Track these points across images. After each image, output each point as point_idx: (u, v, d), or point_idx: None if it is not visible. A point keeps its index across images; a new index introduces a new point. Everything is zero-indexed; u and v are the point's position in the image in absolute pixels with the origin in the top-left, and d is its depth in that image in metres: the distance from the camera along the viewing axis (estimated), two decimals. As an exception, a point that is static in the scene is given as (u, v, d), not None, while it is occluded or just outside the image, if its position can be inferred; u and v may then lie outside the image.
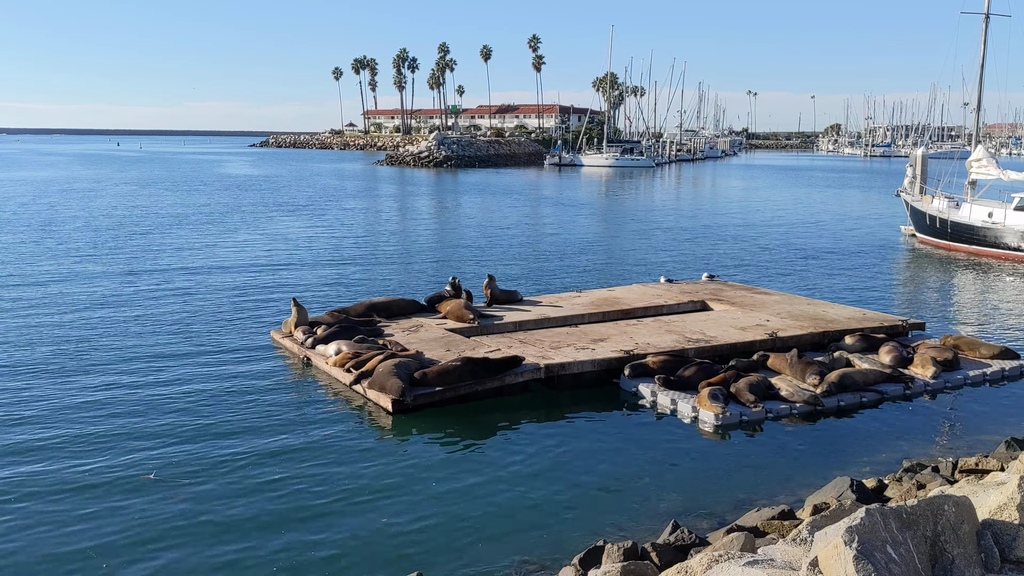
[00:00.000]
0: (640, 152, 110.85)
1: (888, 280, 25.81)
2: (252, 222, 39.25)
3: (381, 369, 12.59)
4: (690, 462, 10.66)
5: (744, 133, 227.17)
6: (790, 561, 4.98)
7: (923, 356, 14.04)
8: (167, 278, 23.60)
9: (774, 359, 13.85)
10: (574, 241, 33.70)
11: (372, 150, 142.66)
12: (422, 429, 11.69)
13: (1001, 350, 14.99)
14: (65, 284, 22.45)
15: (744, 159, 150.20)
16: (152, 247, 29.93)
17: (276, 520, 8.88)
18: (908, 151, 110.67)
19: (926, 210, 32.24)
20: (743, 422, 11.94)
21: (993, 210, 29.57)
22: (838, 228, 39.55)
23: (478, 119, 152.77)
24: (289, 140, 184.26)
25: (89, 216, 40.81)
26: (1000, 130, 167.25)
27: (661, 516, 8.89)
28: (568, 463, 10.58)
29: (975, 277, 26.01)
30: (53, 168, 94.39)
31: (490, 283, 17.81)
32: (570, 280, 23.99)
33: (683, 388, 12.83)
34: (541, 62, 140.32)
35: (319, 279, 23.98)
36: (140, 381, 13.72)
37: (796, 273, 26.15)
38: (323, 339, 14.73)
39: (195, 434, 11.36)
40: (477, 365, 12.78)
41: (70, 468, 10.17)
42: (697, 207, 52.03)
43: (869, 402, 12.93)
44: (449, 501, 9.41)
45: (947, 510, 4.74)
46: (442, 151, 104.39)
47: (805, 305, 18.21)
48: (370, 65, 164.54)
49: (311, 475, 10.04)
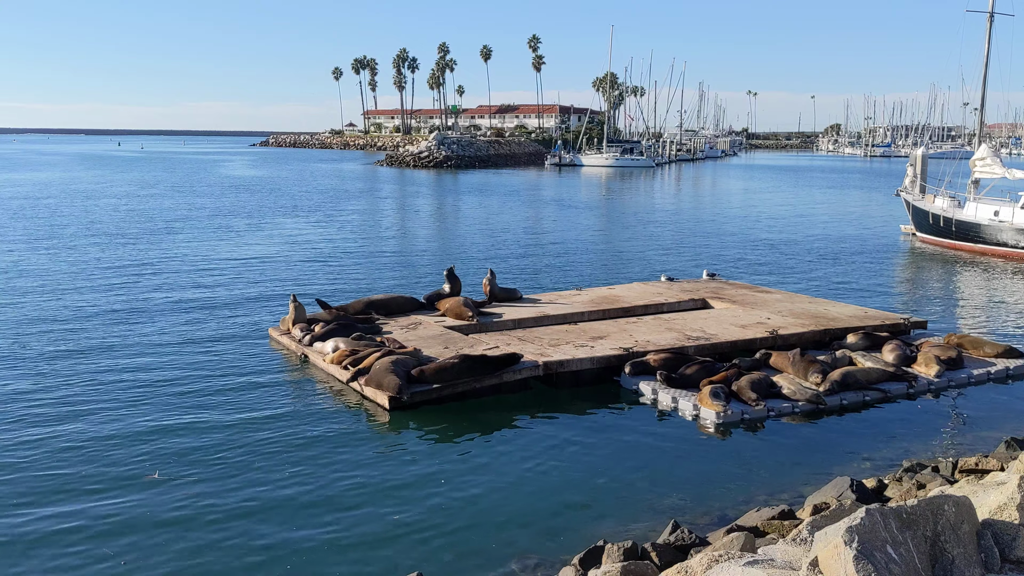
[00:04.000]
0: (640, 152, 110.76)
1: (889, 278, 25.76)
2: (252, 221, 39.21)
3: (378, 366, 12.53)
4: (691, 461, 10.60)
5: (744, 133, 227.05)
6: (790, 561, 4.96)
7: (927, 355, 13.97)
8: (167, 276, 23.56)
9: (776, 357, 13.78)
10: (574, 241, 33.65)
11: (372, 150, 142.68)
12: (419, 427, 11.63)
13: (1005, 349, 14.92)
14: (64, 283, 22.40)
15: (744, 159, 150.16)
16: (151, 246, 29.90)
17: (272, 518, 8.83)
18: (908, 151, 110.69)
19: (929, 209, 32.16)
20: (745, 420, 11.88)
21: (1000, 208, 29.51)
22: (839, 227, 39.53)
23: (478, 119, 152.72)
24: (289, 140, 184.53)
25: (90, 215, 40.80)
26: (1000, 130, 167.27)
27: (661, 516, 8.84)
28: (567, 462, 10.52)
29: (979, 276, 25.94)
30: (54, 168, 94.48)
31: (491, 279, 17.73)
32: (570, 279, 23.93)
33: (684, 386, 12.78)
34: (541, 62, 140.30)
35: (319, 277, 23.92)
36: (138, 378, 13.68)
37: (797, 272, 26.09)
38: (321, 336, 14.68)
39: (192, 431, 11.32)
40: (475, 362, 12.71)
41: (70, 468, 10.12)
42: (697, 207, 51.99)
43: (872, 401, 12.87)
44: (447, 500, 9.35)
45: (947, 510, 4.72)
46: (442, 151, 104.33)
47: (806, 303, 18.15)
48: (370, 65, 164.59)
49: (307, 473, 9.99)
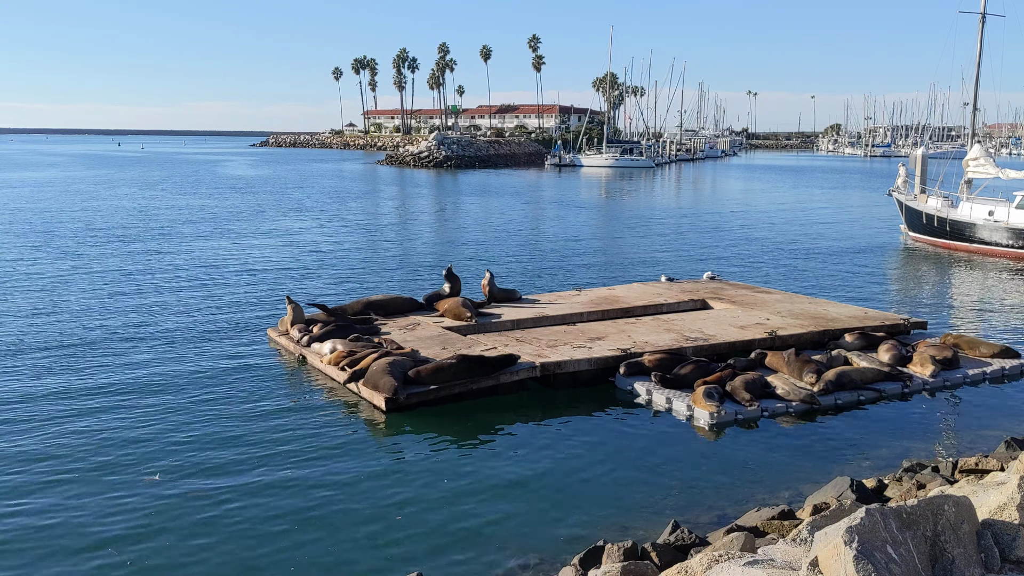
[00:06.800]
0: (640, 152, 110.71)
1: (889, 279, 25.75)
2: (252, 221, 39.18)
3: (375, 367, 12.49)
4: (688, 461, 10.57)
5: (744, 133, 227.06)
6: (790, 561, 4.95)
7: (922, 354, 13.95)
8: (165, 277, 23.53)
9: (772, 357, 13.76)
10: (574, 241, 33.63)
11: (372, 150, 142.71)
12: (416, 428, 11.60)
13: (1001, 349, 14.91)
14: (64, 283, 22.37)
15: (744, 159, 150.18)
16: (150, 247, 29.87)
17: (269, 519, 8.80)
18: (908, 151, 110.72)
19: (923, 209, 32.18)
20: (739, 420, 11.85)
21: (994, 208, 29.53)
22: (840, 228, 39.51)
23: (478, 119, 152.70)
24: (289, 140, 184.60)
25: (89, 215, 40.76)
26: (1000, 130, 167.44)
27: (661, 516, 8.82)
28: (565, 462, 10.49)
29: (975, 275, 25.93)
30: (54, 168, 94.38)
31: (490, 280, 17.70)
32: (569, 279, 23.91)
33: (679, 386, 12.74)
34: (541, 62, 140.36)
35: (318, 278, 23.89)
36: (136, 378, 13.65)
37: (798, 272, 26.07)
38: (318, 337, 14.65)
39: (189, 432, 11.28)
40: (472, 363, 12.68)
41: (69, 468, 10.09)
42: (697, 207, 51.97)
43: (867, 400, 12.84)
44: (445, 500, 9.32)
45: (947, 510, 4.70)
46: (442, 151, 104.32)
47: (806, 304, 18.12)
48: (370, 65, 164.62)
49: (303, 474, 9.96)
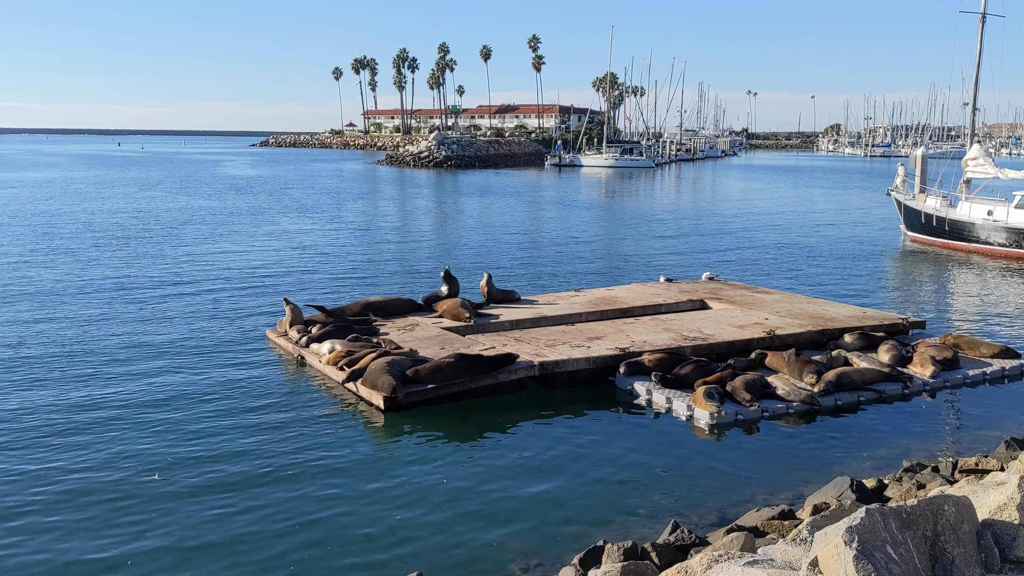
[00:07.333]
0: (640, 152, 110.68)
1: (888, 279, 25.74)
2: (251, 222, 39.17)
3: (373, 367, 12.47)
4: (688, 461, 10.54)
5: (744, 133, 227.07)
6: (790, 561, 4.93)
7: (922, 355, 13.92)
8: (164, 277, 23.51)
9: (772, 357, 13.73)
10: (573, 241, 33.61)
11: (372, 150, 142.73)
12: (415, 427, 11.57)
13: (1001, 349, 14.88)
14: (63, 284, 22.36)
15: (744, 159, 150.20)
16: (149, 247, 29.86)
17: (268, 519, 8.78)
18: (908, 151, 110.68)
19: (921, 208, 32.18)
20: (739, 421, 11.82)
21: (993, 208, 29.51)
22: (839, 228, 39.51)
23: (478, 119, 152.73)
24: (289, 140, 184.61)
25: (89, 216, 40.76)
26: (1000, 130, 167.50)
27: (661, 516, 8.80)
28: (564, 462, 10.47)
29: (974, 275, 25.90)
30: (54, 168, 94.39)
31: (488, 281, 17.70)
32: (569, 280, 23.89)
33: (679, 386, 12.72)
34: (541, 62, 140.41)
35: (318, 278, 23.88)
36: (135, 380, 13.63)
37: (797, 272, 26.05)
38: (317, 338, 14.64)
39: (188, 433, 11.26)
40: (470, 362, 12.66)
41: (70, 468, 10.08)
42: (697, 207, 51.96)
43: (867, 401, 12.81)
44: (444, 500, 9.30)
45: (947, 510, 4.69)
46: (442, 151, 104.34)
47: (805, 304, 18.10)
48: (370, 65, 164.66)
49: (303, 474, 9.93)
